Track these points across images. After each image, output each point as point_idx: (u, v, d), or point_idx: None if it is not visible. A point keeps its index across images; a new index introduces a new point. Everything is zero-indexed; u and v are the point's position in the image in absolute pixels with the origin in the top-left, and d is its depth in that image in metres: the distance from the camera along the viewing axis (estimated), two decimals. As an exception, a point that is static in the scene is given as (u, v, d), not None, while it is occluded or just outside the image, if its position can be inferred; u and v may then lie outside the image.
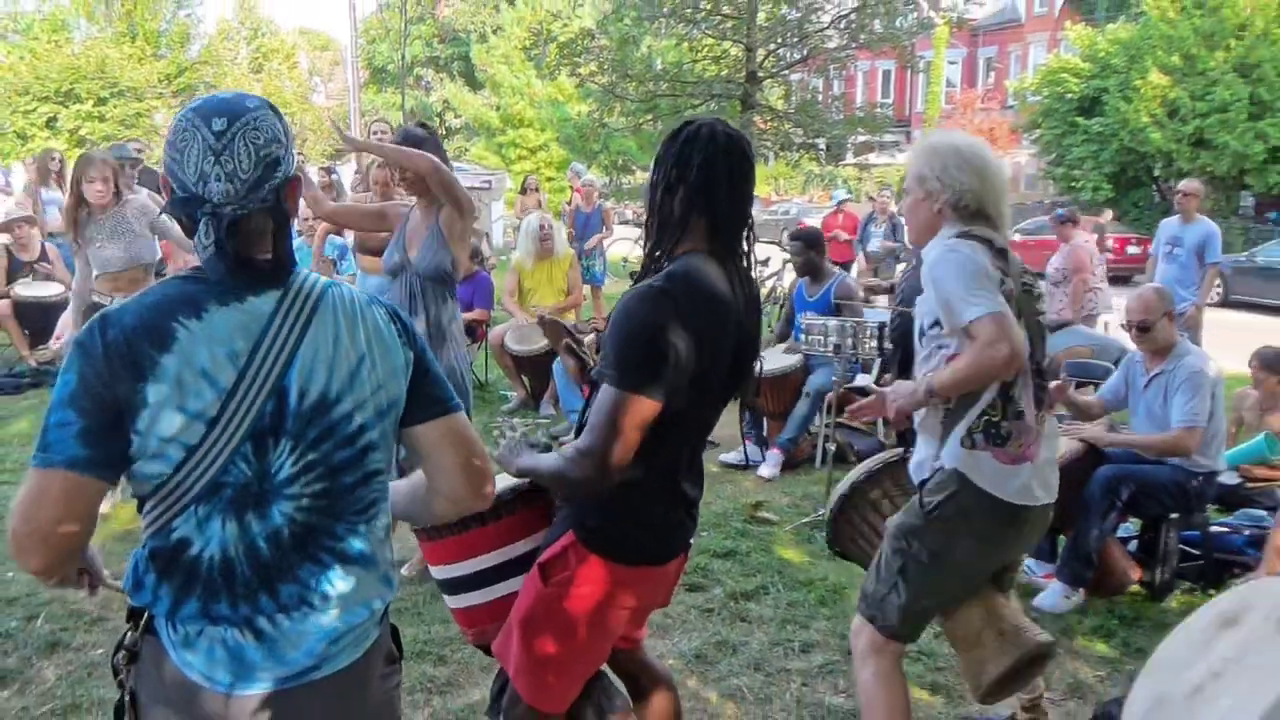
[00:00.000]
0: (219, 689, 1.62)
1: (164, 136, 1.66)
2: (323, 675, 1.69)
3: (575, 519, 2.29)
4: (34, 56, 31.13)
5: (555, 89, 28.20)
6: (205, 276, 1.60)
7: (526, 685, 2.35)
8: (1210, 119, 21.88)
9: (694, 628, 4.27)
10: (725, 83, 12.76)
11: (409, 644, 3.95)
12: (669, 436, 2.22)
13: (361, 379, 1.65)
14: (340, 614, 1.70)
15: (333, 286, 1.70)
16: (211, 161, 1.55)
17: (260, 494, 1.60)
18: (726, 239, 2.28)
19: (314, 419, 1.61)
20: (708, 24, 12.98)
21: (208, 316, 1.55)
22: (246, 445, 1.57)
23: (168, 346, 1.51)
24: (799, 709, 3.67)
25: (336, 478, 1.66)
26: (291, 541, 1.64)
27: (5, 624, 4.08)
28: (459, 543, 2.43)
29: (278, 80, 41.30)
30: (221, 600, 1.61)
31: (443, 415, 1.79)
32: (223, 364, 1.54)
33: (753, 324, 2.37)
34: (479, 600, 2.48)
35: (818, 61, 13.94)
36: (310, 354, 1.60)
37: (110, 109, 30.19)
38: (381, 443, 1.72)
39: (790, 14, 12.89)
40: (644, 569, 2.33)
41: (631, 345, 2.14)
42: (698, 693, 3.71)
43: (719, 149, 2.23)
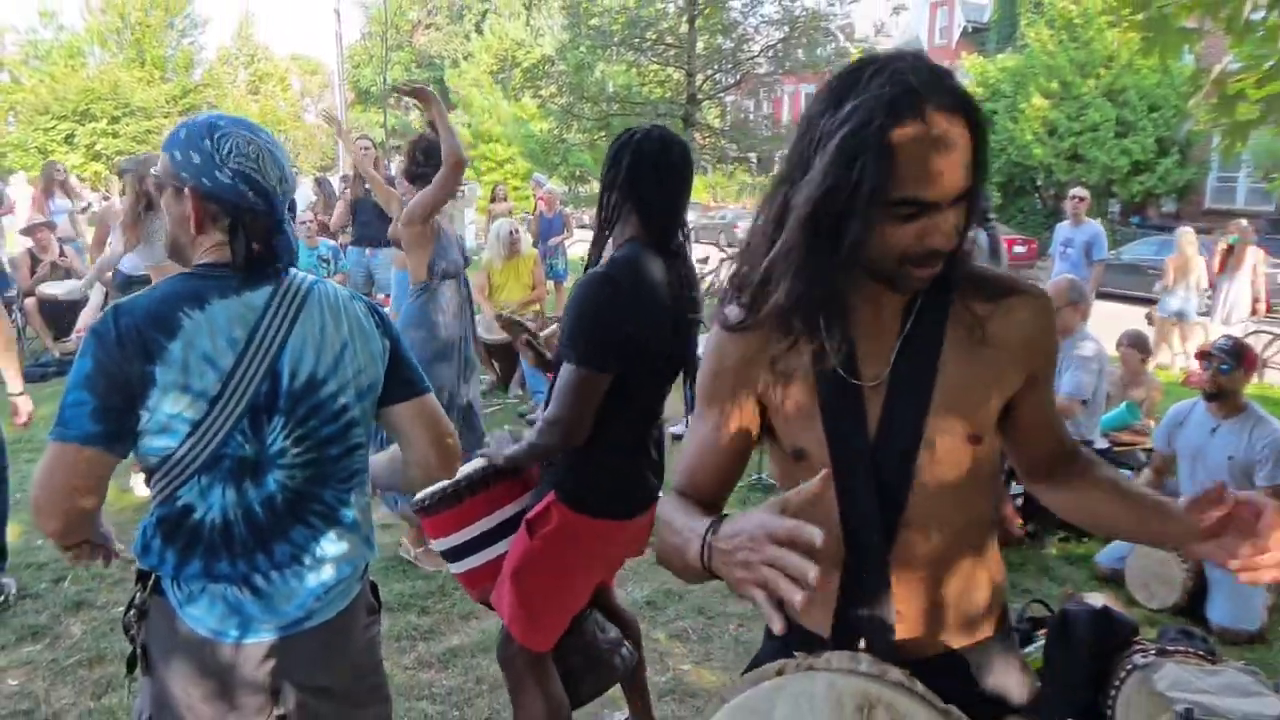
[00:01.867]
0: (224, 640, 1.64)
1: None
2: (312, 625, 1.71)
3: (555, 481, 2.32)
4: (53, 80, 30.60)
5: (519, 109, 28.07)
6: (206, 273, 1.61)
7: (518, 628, 2.37)
8: (1083, 136, 22.22)
9: (645, 578, 4.29)
10: (669, 103, 12.74)
11: (396, 598, 3.95)
12: (626, 406, 2.26)
13: (344, 363, 1.68)
14: (328, 571, 1.72)
15: (319, 283, 1.72)
16: (284, 165, 1.64)
17: (256, 464, 1.62)
18: (659, 228, 2.29)
19: (303, 398, 1.63)
20: (653, 52, 12.95)
21: (210, 308, 1.56)
22: (244, 421, 1.58)
23: (174, 334, 1.52)
24: (736, 646, 3.71)
25: (323, 449, 1.68)
26: (284, 506, 1.65)
27: (35, 586, 4.04)
28: (455, 515, 2.43)
29: (272, 101, 40.72)
30: (222, 559, 1.62)
31: (416, 396, 1.82)
32: (223, 349, 1.56)
33: (689, 306, 2.38)
34: (478, 563, 2.48)
35: (749, 85, 13.98)
36: (300, 341, 1.63)
37: (123, 127, 29.73)
38: (362, 419, 1.75)
39: (725, 44, 12.89)
40: (615, 523, 2.36)
41: (583, 324, 2.18)
42: (649, 634, 3.73)
43: (647, 149, 2.26)
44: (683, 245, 2.37)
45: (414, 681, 3.35)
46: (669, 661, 3.58)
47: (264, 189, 1.59)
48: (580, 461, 2.27)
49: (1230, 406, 4.21)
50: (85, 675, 3.35)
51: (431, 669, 3.45)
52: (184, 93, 32.98)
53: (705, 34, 12.66)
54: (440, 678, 3.40)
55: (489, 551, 2.46)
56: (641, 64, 13.37)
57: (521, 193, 20.68)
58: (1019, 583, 4.37)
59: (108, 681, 3.27)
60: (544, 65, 16.06)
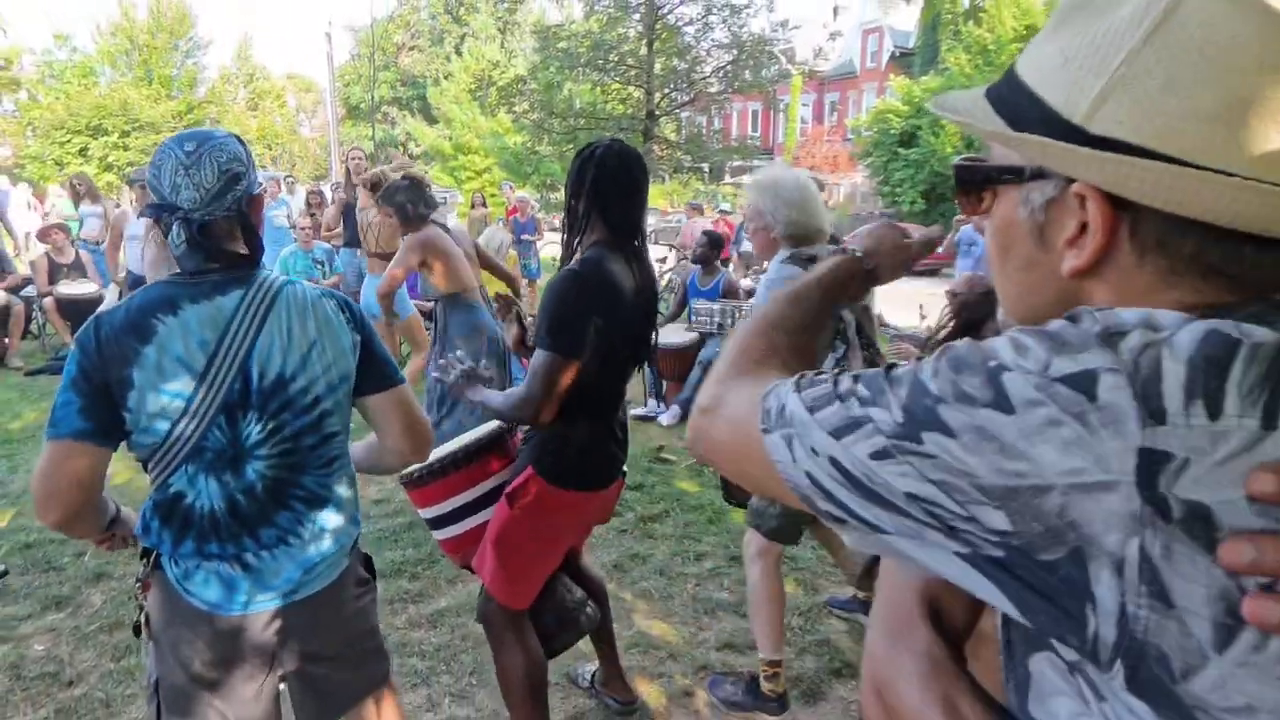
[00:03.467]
0: (218, 612, 1.63)
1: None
2: (301, 597, 1.70)
3: (533, 456, 2.31)
4: (67, 97, 29.95)
5: (496, 123, 27.76)
6: (183, 280, 1.57)
7: (498, 589, 2.36)
8: (996, 150, 22.52)
9: (612, 544, 4.29)
10: (630, 119, 12.71)
11: (389, 565, 3.92)
12: (594, 390, 2.26)
13: (313, 360, 1.63)
14: (312, 549, 1.70)
15: (289, 285, 1.66)
16: (182, 175, 1.52)
17: (235, 456, 1.59)
18: (622, 232, 2.31)
19: (274, 394, 1.60)
20: (616, 72, 12.90)
21: (182, 313, 1.53)
22: (220, 416, 1.56)
23: (149, 339, 1.50)
24: (694, 603, 3.72)
25: (298, 440, 1.65)
26: (265, 494, 1.63)
27: (59, 560, 3.96)
28: (439, 487, 2.42)
29: (270, 116, 40.02)
30: (212, 542, 1.61)
31: (390, 388, 1.77)
32: (195, 352, 1.53)
33: (648, 300, 2.40)
34: (459, 531, 2.46)
35: (702, 102, 13.98)
36: (267, 342, 1.58)
37: (132, 140, 29.12)
38: (336, 410, 1.70)
39: (680, 65, 12.88)
40: (586, 494, 2.36)
41: (556, 316, 2.17)
42: (616, 593, 3.74)
43: (609, 163, 2.27)
44: (641, 247, 2.38)
45: (405, 640, 3.34)
46: (634, 618, 3.59)
47: (159, 193, 1.53)
48: (555, 440, 2.28)
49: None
50: (105, 640, 3.30)
51: (421, 628, 3.44)
52: (188, 109, 32.29)
53: (662, 56, 12.64)
54: (429, 636, 3.38)
55: (470, 521, 2.46)
56: (605, 83, 13.31)
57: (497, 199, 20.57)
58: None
59: (126, 646, 3.22)
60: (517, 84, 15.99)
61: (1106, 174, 0.61)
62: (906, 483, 0.59)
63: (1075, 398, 0.53)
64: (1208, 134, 0.57)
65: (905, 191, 24.88)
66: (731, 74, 13.03)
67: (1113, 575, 0.52)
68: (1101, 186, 0.62)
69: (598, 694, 3.02)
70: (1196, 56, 0.57)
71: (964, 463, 0.56)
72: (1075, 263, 0.65)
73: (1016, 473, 0.54)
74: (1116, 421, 0.51)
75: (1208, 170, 0.57)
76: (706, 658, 3.28)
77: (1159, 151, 0.58)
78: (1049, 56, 0.66)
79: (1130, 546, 0.51)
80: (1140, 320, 0.55)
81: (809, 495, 0.66)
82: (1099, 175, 0.61)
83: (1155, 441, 0.51)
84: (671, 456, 5.74)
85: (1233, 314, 0.57)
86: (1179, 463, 0.50)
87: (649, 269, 2.41)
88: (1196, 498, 0.50)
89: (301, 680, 1.78)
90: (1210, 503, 0.50)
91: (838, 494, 0.64)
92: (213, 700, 1.67)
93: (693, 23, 12.97)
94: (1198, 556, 0.50)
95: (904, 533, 0.62)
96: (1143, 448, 0.51)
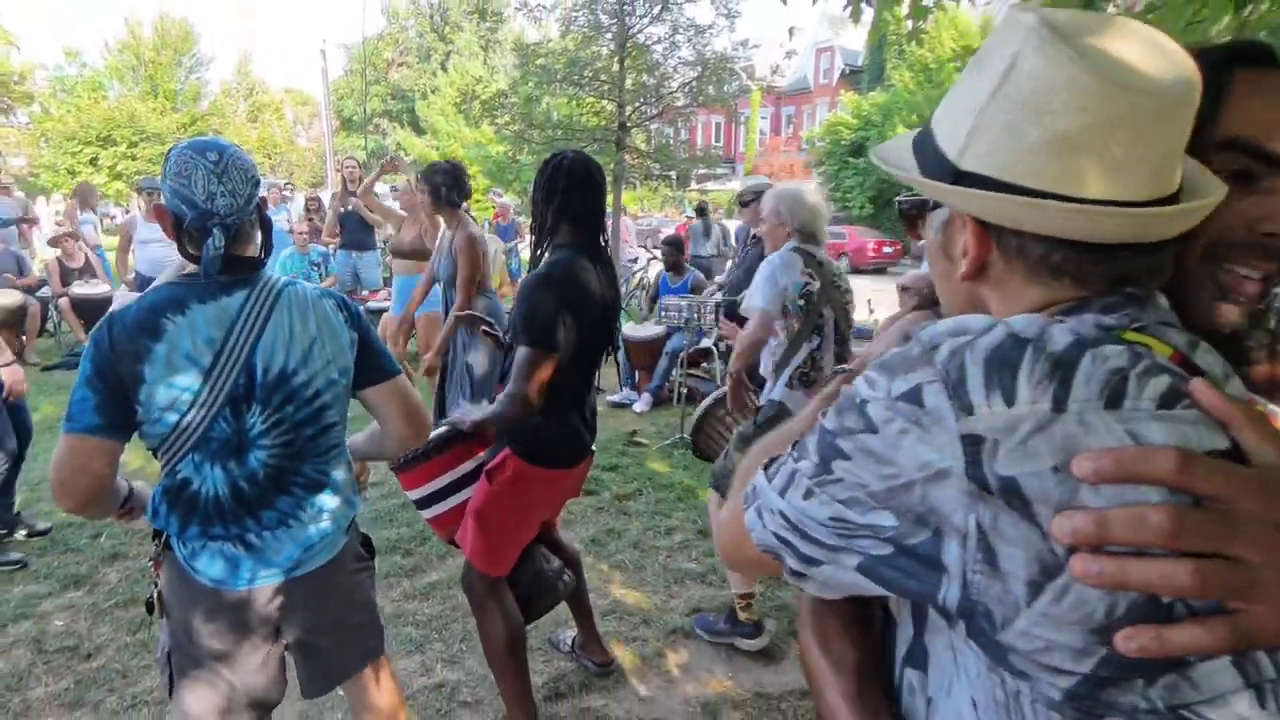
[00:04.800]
0: (223, 587, 1.62)
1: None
2: (302, 573, 1.69)
3: (510, 438, 2.33)
4: (78, 110, 29.22)
5: (479, 134, 27.57)
6: (191, 281, 1.55)
7: (479, 558, 2.37)
8: (937, 159, 22.73)
9: (590, 521, 4.30)
10: (604, 130, 12.61)
11: (385, 543, 3.90)
12: (565, 379, 2.27)
13: (313, 356, 1.62)
14: (311, 529, 1.69)
15: (290, 286, 1.64)
16: (215, 183, 1.50)
17: (239, 445, 1.58)
18: (587, 235, 2.32)
19: (277, 388, 1.58)
20: (590, 87, 12.79)
21: (190, 313, 1.51)
22: (226, 409, 1.54)
23: (159, 337, 1.49)
24: (665, 574, 3.74)
25: (299, 431, 1.63)
26: (267, 481, 1.62)
27: (76, 541, 3.90)
28: (424, 470, 2.42)
29: (269, 128, 39.34)
30: (216, 524, 1.60)
31: (388, 380, 1.76)
32: (202, 349, 1.51)
33: (612, 297, 2.40)
34: (444, 508, 2.46)
35: (669, 115, 13.91)
36: (271, 339, 1.57)
37: (140, 151, 28.52)
38: (335, 403, 1.68)
39: (649, 81, 12.79)
40: (558, 471, 2.37)
41: (531, 314, 2.18)
42: (593, 565, 3.75)
43: (578, 171, 2.28)
44: (605, 248, 2.39)
45: (400, 611, 3.33)
46: (609, 588, 3.60)
47: (193, 202, 1.50)
48: (532, 422, 2.28)
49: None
50: (121, 615, 3.26)
51: (414, 600, 3.43)
52: (192, 121, 31.61)
53: (633, 72, 12.55)
54: (422, 607, 3.38)
55: (453, 499, 2.46)
56: (580, 97, 13.20)
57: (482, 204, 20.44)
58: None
59: (141, 620, 3.19)
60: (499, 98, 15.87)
61: (969, 203, 0.71)
62: (825, 509, 0.66)
63: (910, 409, 0.61)
64: (1039, 165, 0.65)
65: (855, 197, 25.07)
66: (696, 89, 12.96)
67: (959, 547, 0.59)
68: (968, 213, 0.72)
69: (577, 657, 3.03)
70: (1025, 103, 0.65)
71: (858, 477, 0.64)
72: (961, 270, 0.75)
73: (891, 475, 0.62)
74: (941, 419, 0.59)
75: (1039, 194, 0.65)
76: (677, 622, 3.31)
77: (1006, 181, 0.67)
78: (946, 108, 0.75)
79: (970, 521, 0.58)
80: (950, 329, 0.63)
81: (779, 555, 0.72)
82: (963, 205, 0.72)
83: (970, 429, 0.57)
84: (644, 440, 5.75)
85: (1089, 306, 0.67)
86: (990, 444, 0.57)
87: (611, 267, 2.43)
88: (1008, 473, 0.56)
89: (303, 650, 1.78)
90: (1018, 475, 0.55)
91: (794, 544, 0.70)
92: (221, 669, 1.66)
93: (660, 41, 12.88)
94: (1019, 523, 0.56)
95: (830, 561, 0.68)
96: (963, 435, 0.58)
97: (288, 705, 2.28)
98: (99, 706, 2.71)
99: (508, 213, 11.55)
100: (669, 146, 16.12)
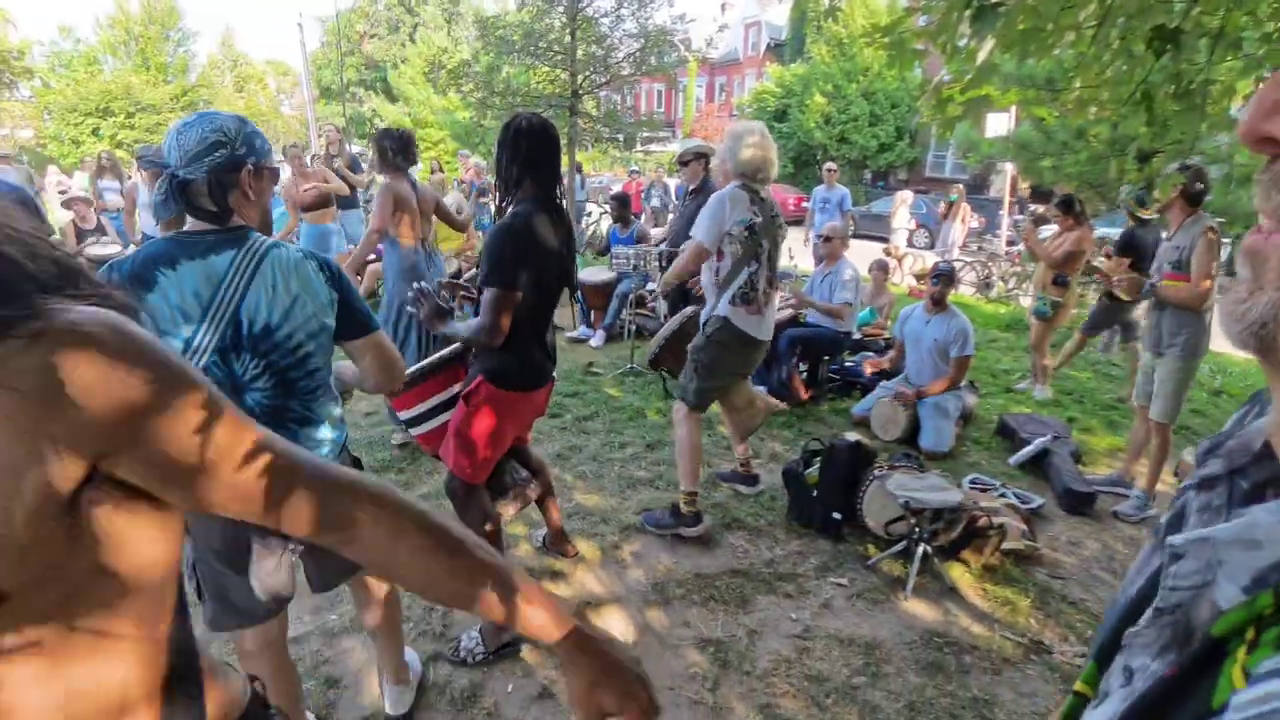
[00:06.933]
0: None
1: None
2: None
3: (482, 367, 2.34)
4: (77, 84, 27.09)
5: (447, 101, 26.51)
6: (183, 238, 1.52)
7: (460, 470, 2.40)
8: (847, 125, 22.61)
9: (555, 439, 4.35)
10: (558, 97, 12.22)
11: (380, 462, 3.92)
12: (529, 315, 2.28)
13: (294, 313, 1.57)
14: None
15: (275, 248, 1.58)
16: (173, 138, 1.49)
17: (234, 387, 1.56)
18: (546, 190, 2.29)
19: (262, 339, 1.55)
20: (544, 58, 12.33)
21: (180, 268, 1.48)
22: (216, 357, 1.52)
23: (151, 288, 1.45)
24: (619, 480, 3.82)
25: (285, 375, 1.61)
26: (263, 418, 1.59)
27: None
28: (414, 394, 2.43)
29: (254, 98, 37.20)
30: None
31: (367, 334, 1.71)
32: (191, 303, 1.48)
33: (568, 243, 2.39)
34: (430, 427, 2.48)
35: (616, 84, 13.55)
36: (255, 297, 1.53)
37: (137, 121, 26.65)
38: (318, 352, 1.64)
39: (597, 52, 12.36)
40: (523, 394, 2.39)
41: (496, 259, 2.17)
42: (559, 476, 3.82)
43: (535, 132, 2.24)
44: (561, 200, 2.36)
45: (396, 518, 3.37)
46: (573, 494, 3.66)
47: (162, 156, 1.48)
48: (499, 353, 2.30)
49: (939, 307, 4.50)
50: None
51: (407, 508, 3.46)
52: (183, 92, 29.51)
53: (583, 44, 12.14)
54: (414, 514, 3.41)
55: (438, 420, 2.48)
56: (536, 66, 12.72)
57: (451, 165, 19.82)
58: (803, 429, 4.65)
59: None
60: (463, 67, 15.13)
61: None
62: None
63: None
64: None
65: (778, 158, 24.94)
66: (639, 59, 12.59)
67: None
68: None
69: (547, 550, 3.12)
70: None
71: None
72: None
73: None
74: None
75: None
76: (630, 520, 3.41)
77: None
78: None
79: None
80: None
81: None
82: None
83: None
84: (599, 370, 5.79)
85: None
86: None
87: (567, 218, 2.40)
88: None
89: (309, 554, 1.79)
90: None
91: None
92: (239, 574, 1.68)
93: (607, 15, 12.43)
94: None
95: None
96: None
97: (306, 598, 2.32)
98: (136, 606, 2.71)
99: (481, 172, 11.27)
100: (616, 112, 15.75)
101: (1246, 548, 0.38)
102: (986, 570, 3.11)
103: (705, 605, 2.81)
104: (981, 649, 2.61)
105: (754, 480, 3.74)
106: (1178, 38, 2.35)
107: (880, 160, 23.03)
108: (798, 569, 3.07)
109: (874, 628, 2.70)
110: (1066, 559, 3.26)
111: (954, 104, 2.53)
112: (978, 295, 10.07)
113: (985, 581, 3.04)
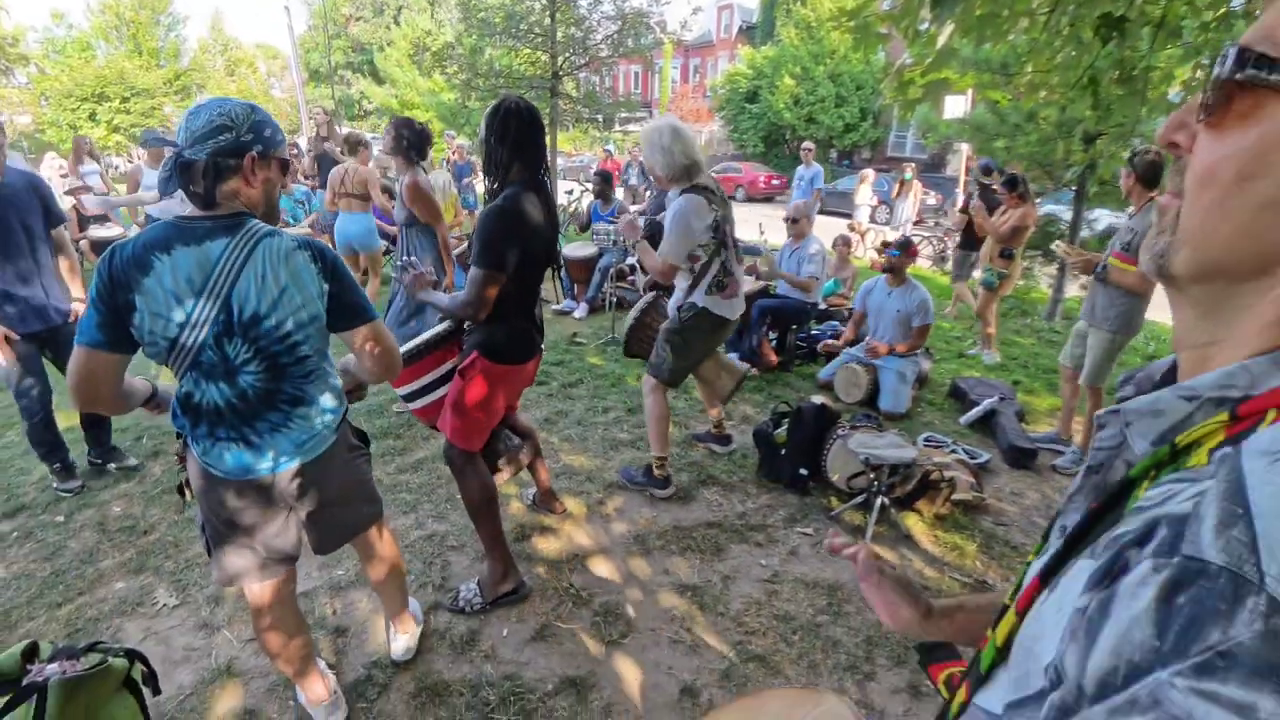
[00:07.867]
0: (232, 476, 1.62)
1: (174, 124, 1.52)
2: (299, 463, 1.67)
3: (476, 342, 2.34)
4: (71, 69, 25.93)
5: (433, 83, 25.84)
6: (181, 223, 1.49)
7: (457, 438, 2.41)
8: (815, 106, 22.41)
9: (542, 405, 4.37)
10: (539, 78, 11.96)
11: (380, 430, 3.93)
12: (517, 292, 2.27)
13: (283, 302, 1.52)
14: (303, 430, 1.66)
15: (269, 236, 1.52)
16: (183, 119, 1.47)
17: (227, 371, 1.54)
18: (532, 171, 2.25)
19: (251, 326, 1.51)
20: (525, 40, 12.03)
21: (175, 254, 1.46)
22: (209, 340, 1.50)
23: (147, 272, 1.44)
24: (603, 443, 3.85)
25: (276, 359, 1.57)
26: (257, 398, 1.58)
27: (122, 442, 3.79)
28: (410, 371, 2.42)
29: (245, 81, 36.01)
30: (220, 428, 1.58)
31: (363, 324, 1.64)
32: (184, 286, 1.46)
33: (553, 222, 2.36)
34: (427, 401, 2.48)
35: (595, 65, 13.28)
36: (245, 285, 1.49)
37: (132, 105, 25.60)
38: (308, 340, 1.59)
39: (576, 34, 12.07)
40: (513, 366, 2.39)
41: (486, 241, 2.15)
42: (547, 440, 3.86)
43: (522, 115, 2.20)
44: (545, 181, 2.34)
45: (395, 482, 3.39)
46: (560, 455, 3.70)
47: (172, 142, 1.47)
48: (491, 329, 2.30)
49: (899, 279, 4.53)
50: (168, 499, 3.24)
51: (406, 473, 3.48)
52: (176, 76, 28.42)
53: (562, 26, 11.87)
54: (413, 478, 3.43)
55: (435, 394, 2.48)
56: (517, 48, 12.41)
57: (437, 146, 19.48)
58: (773, 392, 4.72)
59: (183, 504, 3.18)
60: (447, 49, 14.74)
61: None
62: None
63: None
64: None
65: (750, 137, 24.73)
66: (617, 41, 12.35)
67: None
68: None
69: (537, 508, 3.17)
70: None
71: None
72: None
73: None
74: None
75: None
76: (613, 479, 3.46)
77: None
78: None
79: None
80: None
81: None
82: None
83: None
84: (583, 340, 5.79)
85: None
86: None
87: (552, 198, 2.38)
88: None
89: (312, 520, 1.79)
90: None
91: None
92: (244, 537, 1.69)
93: (586, -3, 12.22)
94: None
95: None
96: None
97: (314, 556, 2.36)
98: (159, 569, 2.74)
99: (463, 153, 11.08)
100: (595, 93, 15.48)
101: (1154, 416, 0.47)
102: (938, 519, 3.21)
103: (683, 554, 2.88)
104: (933, 589, 2.71)
105: (727, 440, 3.80)
106: (1123, 25, 2.36)
107: (845, 140, 22.91)
108: (767, 520, 3.15)
109: (836, 572, 2.79)
110: (1009, 508, 3.37)
111: (915, 86, 2.54)
112: (933, 267, 10.16)
113: (937, 529, 3.14)
